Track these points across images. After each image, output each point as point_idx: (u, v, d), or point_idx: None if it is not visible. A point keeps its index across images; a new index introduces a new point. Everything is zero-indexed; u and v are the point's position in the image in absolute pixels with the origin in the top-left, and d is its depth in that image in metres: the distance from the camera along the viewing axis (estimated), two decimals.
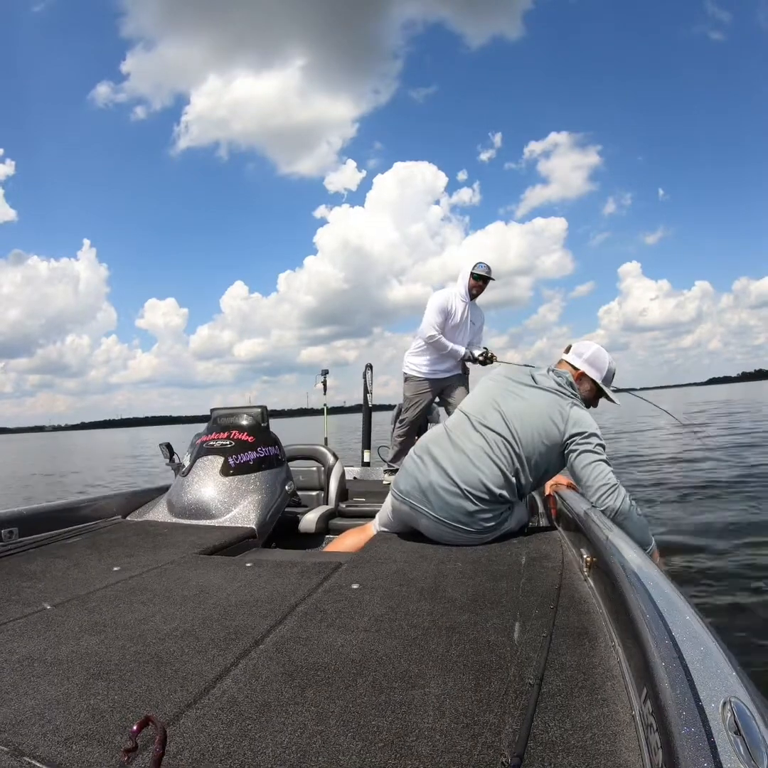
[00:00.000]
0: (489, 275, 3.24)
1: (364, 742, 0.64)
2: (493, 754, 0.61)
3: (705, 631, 0.66)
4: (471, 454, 1.60)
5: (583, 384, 1.76)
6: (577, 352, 1.81)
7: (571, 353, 1.83)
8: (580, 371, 1.77)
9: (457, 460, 1.61)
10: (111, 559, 1.54)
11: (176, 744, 0.64)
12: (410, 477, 1.68)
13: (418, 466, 1.68)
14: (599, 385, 1.78)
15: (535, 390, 1.69)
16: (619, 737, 0.63)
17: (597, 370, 1.78)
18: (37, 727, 0.69)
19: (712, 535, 3.44)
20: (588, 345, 1.83)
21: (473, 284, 3.22)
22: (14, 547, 1.66)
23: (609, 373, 1.80)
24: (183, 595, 1.21)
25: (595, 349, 1.81)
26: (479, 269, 3.19)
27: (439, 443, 1.69)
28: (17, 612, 1.13)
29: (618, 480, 1.55)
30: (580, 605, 1.04)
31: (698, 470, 6.21)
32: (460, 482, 1.57)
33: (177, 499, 2.14)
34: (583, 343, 1.84)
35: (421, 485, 1.63)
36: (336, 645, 0.91)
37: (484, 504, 1.56)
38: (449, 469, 1.60)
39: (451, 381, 3.35)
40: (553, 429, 1.61)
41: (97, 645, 0.95)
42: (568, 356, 1.83)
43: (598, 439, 1.60)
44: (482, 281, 3.24)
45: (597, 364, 1.78)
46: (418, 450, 1.76)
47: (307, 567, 1.40)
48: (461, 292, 3.21)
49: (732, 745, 0.46)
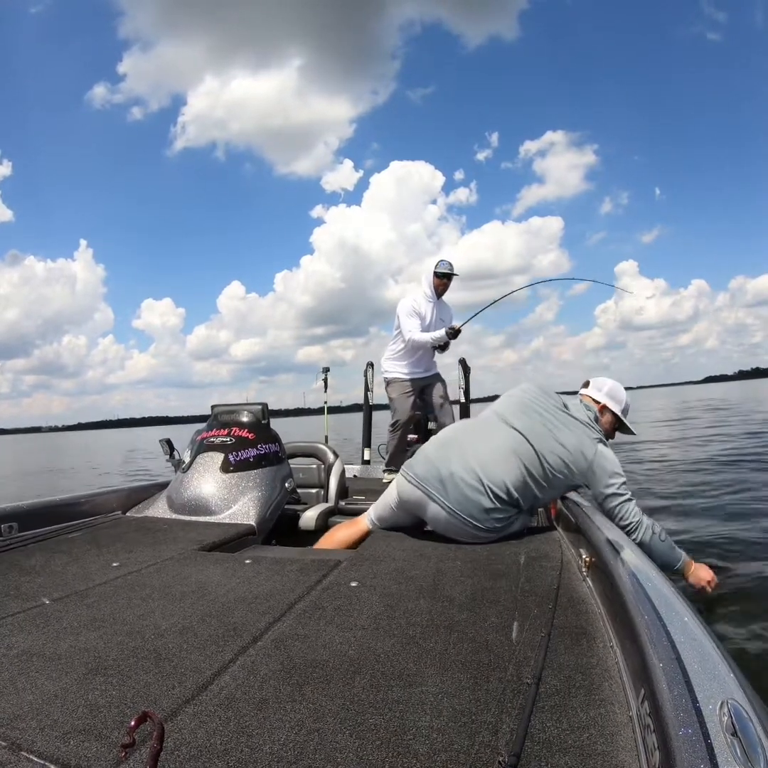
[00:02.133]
0: (452, 272, 3.34)
1: (362, 740, 0.64)
2: (491, 753, 0.61)
3: (703, 633, 0.66)
4: (500, 453, 1.63)
5: (604, 416, 1.85)
6: (597, 387, 1.91)
7: (591, 388, 1.91)
8: (602, 404, 1.86)
9: (485, 456, 1.63)
10: (110, 555, 1.54)
11: (174, 740, 0.64)
12: (430, 464, 1.69)
13: (439, 455, 1.69)
14: (619, 417, 1.87)
15: (568, 417, 1.74)
16: (616, 738, 0.63)
17: (616, 402, 1.87)
18: (35, 721, 0.69)
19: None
20: (605, 380, 1.93)
21: (438, 283, 3.33)
22: (14, 542, 1.67)
23: (626, 405, 1.90)
24: (182, 592, 1.21)
25: (613, 383, 1.92)
26: (442, 267, 3.31)
27: (468, 435, 1.73)
28: (16, 607, 1.13)
29: (641, 514, 1.64)
30: (578, 605, 1.04)
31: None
32: (483, 477, 1.58)
33: (177, 495, 2.14)
34: (600, 379, 1.94)
35: (441, 474, 1.63)
36: (334, 642, 0.91)
37: (501, 503, 1.58)
38: (474, 462, 1.61)
39: (430, 380, 3.47)
40: (581, 459, 1.66)
41: (96, 640, 0.95)
42: (588, 390, 1.91)
43: (621, 478, 1.67)
44: (446, 278, 3.35)
45: (617, 398, 1.88)
46: (442, 439, 1.78)
47: (306, 564, 1.41)
48: (427, 292, 3.33)
49: (729, 746, 0.46)
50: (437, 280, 3.32)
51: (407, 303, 3.31)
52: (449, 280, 3.36)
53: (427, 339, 3.28)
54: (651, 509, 3.63)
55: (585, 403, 1.83)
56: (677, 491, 4.56)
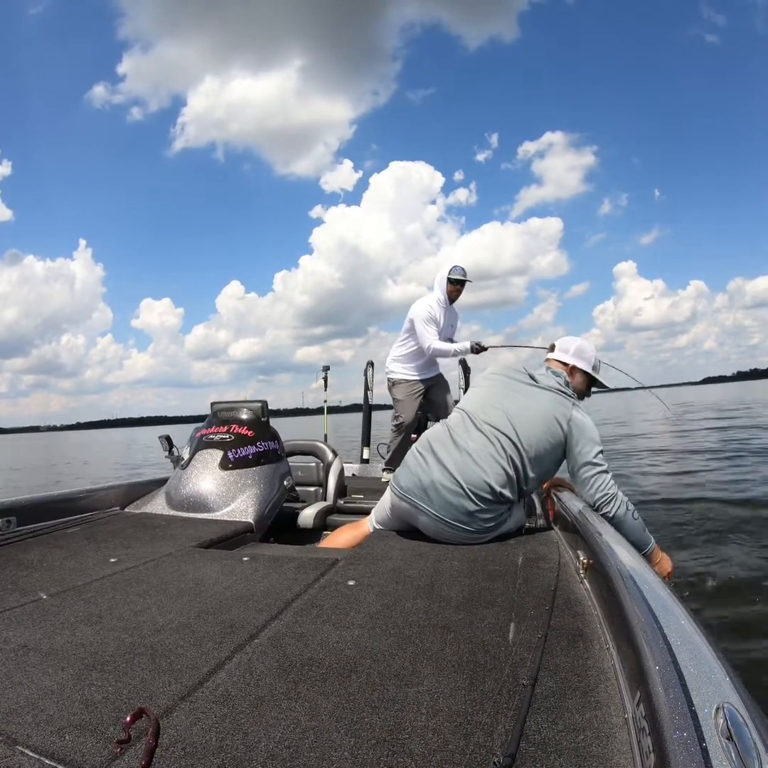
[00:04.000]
0: (465, 278, 3.29)
1: (357, 739, 0.64)
2: (486, 754, 0.61)
3: (700, 636, 0.66)
4: (474, 453, 1.60)
5: (575, 377, 1.83)
6: (563, 349, 1.88)
7: (557, 351, 1.89)
8: (570, 365, 1.83)
9: (460, 459, 1.61)
10: (108, 551, 1.54)
11: (169, 736, 0.65)
12: (412, 474, 1.68)
13: (419, 464, 1.68)
14: (590, 375, 1.85)
15: (536, 389, 1.72)
16: (612, 740, 0.63)
17: (585, 360, 1.84)
18: (31, 716, 0.69)
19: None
20: (571, 340, 1.90)
21: (451, 289, 3.26)
22: (12, 537, 1.67)
23: (596, 360, 1.87)
24: (179, 588, 1.21)
25: (579, 341, 1.88)
26: (455, 273, 3.23)
27: (442, 441, 1.69)
28: (13, 601, 1.13)
29: (617, 488, 1.60)
30: (575, 607, 1.04)
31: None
32: (462, 481, 1.57)
33: (175, 491, 2.14)
34: (565, 339, 1.91)
35: (423, 483, 1.62)
36: (331, 641, 0.91)
37: (486, 504, 1.56)
38: (452, 467, 1.60)
39: (434, 380, 3.47)
40: (557, 429, 1.64)
41: (93, 636, 0.95)
42: (555, 354, 1.88)
43: (598, 446, 1.65)
44: (460, 285, 3.29)
45: (584, 356, 1.85)
46: (420, 447, 1.76)
47: (303, 562, 1.41)
48: (440, 298, 3.27)
49: (724, 750, 0.46)
50: (450, 286, 3.24)
51: (423, 309, 3.22)
52: (462, 287, 3.29)
53: (450, 350, 3.23)
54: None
55: (552, 369, 1.80)
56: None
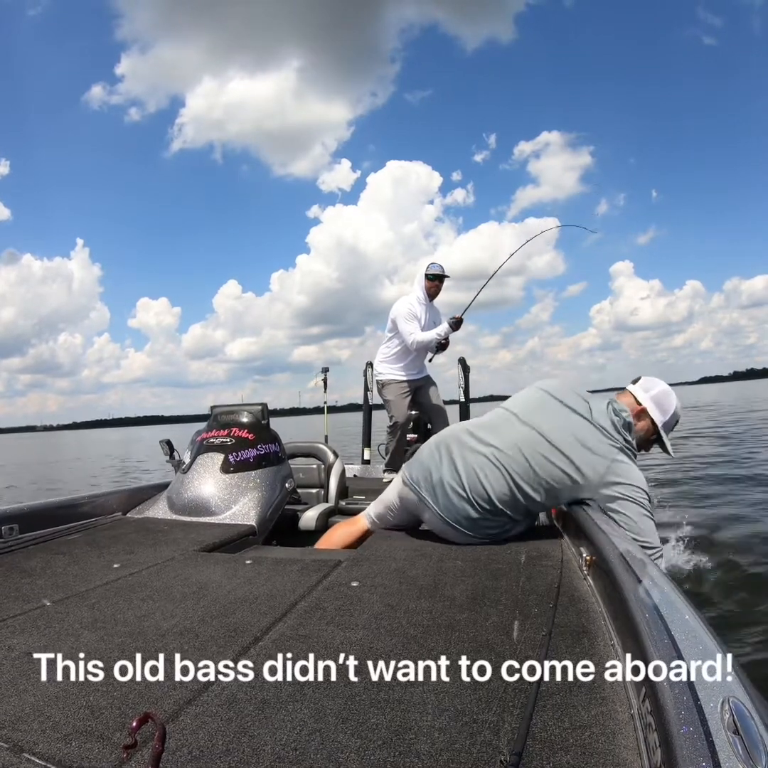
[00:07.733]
0: (443, 273, 3.34)
1: (363, 740, 0.64)
2: (492, 752, 0.61)
3: (704, 631, 0.66)
4: (483, 462, 1.54)
5: (641, 421, 1.61)
6: (645, 387, 1.66)
7: (638, 385, 1.68)
8: (642, 407, 1.62)
9: (471, 463, 1.56)
10: (111, 556, 1.54)
11: (175, 741, 0.64)
12: (423, 467, 1.65)
13: (433, 458, 1.64)
14: (658, 430, 1.62)
15: (584, 422, 1.54)
16: (618, 736, 0.63)
17: (661, 411, 1.62)
18: (37, 723, 0.69)
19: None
20: (658, 382, 1.68)
21: (429, 285, 3.33)
22: (14, 544, 1.66)
23: (673, 418, 1.65)
24: (183, 592, 1.21)
25: (665, 388, 1.66)
26: (433, 269, 3.31)
27: (460, 440, 1.63)
28: (17, 609, 1.13)
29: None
30: (579, 604, 1.04)
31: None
32: (467, 486, 1.53)
33: (177, 496, 2.14)
34: (653, 379, 1.69)
35: (433, 479, 1.60)
36: (335, 642, 0.91)
37: (488, 514, 1.52)
38: (461, 469, 1.56)
39: (423, 382, 3.50)
40: (589, 472, 1.49)
41: (97, 642, 0.95)
42: (633, 387, 1.68)
43: (644, 494, 1.48)
44: (438, 280, 3.35)
45: (663, 405, 1.63)
46: (436, 441, 1.71)
47: (306, 564, 1.40)
48: (420, 295, 3.34)
49: (730, 744, 0.46)
50: (428, 283, 3.32)
51: (404, 307, 3.30)
52: (441, 282, 3.37)
53: (432, 336, 3.28)
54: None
55: (615, 406, 1.57)
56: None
